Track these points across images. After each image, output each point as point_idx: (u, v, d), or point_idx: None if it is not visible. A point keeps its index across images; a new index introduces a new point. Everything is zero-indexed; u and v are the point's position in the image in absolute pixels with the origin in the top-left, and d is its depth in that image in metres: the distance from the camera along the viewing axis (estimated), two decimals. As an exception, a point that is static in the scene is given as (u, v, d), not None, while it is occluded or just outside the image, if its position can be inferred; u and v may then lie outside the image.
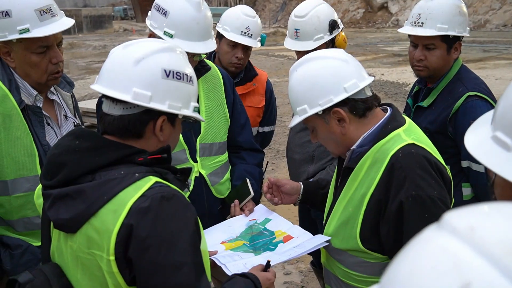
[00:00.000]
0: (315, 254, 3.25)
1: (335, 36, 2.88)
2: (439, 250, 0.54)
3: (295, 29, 2.86)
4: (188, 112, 1.50)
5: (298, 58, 2.83)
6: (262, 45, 3.21)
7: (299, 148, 2.98)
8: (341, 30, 2.94)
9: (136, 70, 1.40)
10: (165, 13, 2.25)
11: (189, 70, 1.52)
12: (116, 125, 1.43)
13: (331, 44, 2.87)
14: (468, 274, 0.50)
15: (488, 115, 1.11)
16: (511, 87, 1.00)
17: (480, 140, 1.04)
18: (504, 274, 0.49)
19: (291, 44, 2.92)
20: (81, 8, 45.31)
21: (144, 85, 1.40)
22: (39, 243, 2.18)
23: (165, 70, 1.43)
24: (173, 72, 1.44)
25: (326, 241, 1.86)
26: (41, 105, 2.24)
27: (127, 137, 1.44)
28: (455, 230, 0.55)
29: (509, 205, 0.58)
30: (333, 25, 2.84)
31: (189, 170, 1.55)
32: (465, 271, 0.50)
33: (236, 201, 2.45)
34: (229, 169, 2.65)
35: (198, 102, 1.63)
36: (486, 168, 1.06)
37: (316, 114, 1.74)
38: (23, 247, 2.17)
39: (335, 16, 2.92)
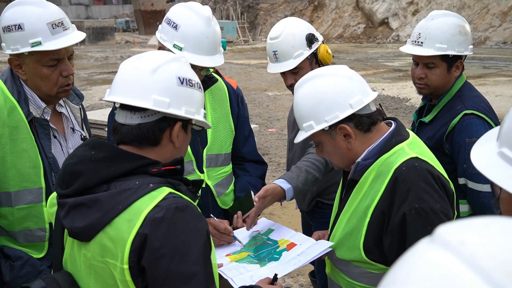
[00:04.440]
0: (317, 264, 3.26)
1: (317, 49, 2.77)
2: (431, 264, 0.55)
3: (273, 51, 2.77)
4: (200, 117, 1.56)
5: (285, 79, 2.77)
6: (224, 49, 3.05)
7: None
8: (322, 42, 2.82)
9: (154, 79, 1.45)
10: (175, 27, 2.29)
11: (197, 78, 1.59)
12: (135, 134, 1.46)
13: (314, 58, 2.78)
14: (459, 287, 0.51)
15: (494, 131, 1.13)
16: None
17: (486, 156, 1.07)
18: None
19: (272, 67, 2.80)
20: (84, 20, 45.52)
21: (162, 92, 1.45)
22: (40, 255, 2.19)
23: (179, 78, 1.49)
24: (186, 79, 1.51)
25: (330, 247, 1.89)
26: (48, 118, 2.25)
27: (145, 145, 1.47)
28: (447, 244, 0.56)
29: (500, 220, 0.60)
30: (310, 39, 2.73)
31: (200, 182, 1.59)
32: (455, 284, 0.52)
33: (239, 212, 2.48)
34: (233, 181, 2.68)
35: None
36: (492, 184, 1.08)
37: (322, 130, 1.78)
38: (23, 259, 2.16)
39: (312, 30, 2.81)
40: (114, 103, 1.49)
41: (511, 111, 1.05)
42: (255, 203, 2.30)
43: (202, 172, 2.49)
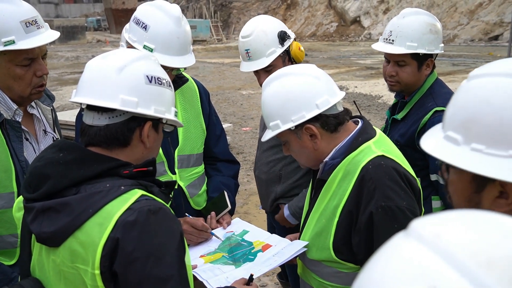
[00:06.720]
0: (288, 265, 3.25)
1: (289, 46, 2.73)
2: (406, 257, 0.56)
3: (245, 50, 2.73)
4: (171, 116, 1.53)
5: (258, 78, 2.73)
6: None
7: (266, 167, 2.90)
8: (294, 40, 2.78)
9: (121, 78, 1.41)
10: (145, 27, 2.24)
11: (166, 76, 1.55)
12: (103, 135, 1.42)
13: (287, 55, 2.73)
14: (435, 279, 0.52)
15: (439, 124, 1.26)
16: (457, 94, 1.16)
17: (434, 141, 1.18)
18: (468, 279, 0.52)
19: (246, 66, 2.77)
20: (53, 18, 44.67)
21: (130, 91, 1.41)
22: (11, 263, 2.11)
23: (147, 76, 1.45)
24: (154, 77, 1.47)
25: (305, 246, 1.89)
26: (20, 120, 2.18)
27: (114, 146, 1.44)
28: (421, 237, 0.57)
29: (473, 213, 0.61)
30: (282, 36, 2.70)
31: (173, 183, 1.56)
32: (431, 276, 0.53)
33: (213, 213, 2.46)
34: (206, 181, 2.67)
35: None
36: (441, 170, 1.21)
37: (289, 129, 1.78)
38: None
39: (284, 27, 2.78)
40: (81, 104, 1.44)
41: (452, 100, 1.17)
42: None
43: (174, 173, 2.46)
